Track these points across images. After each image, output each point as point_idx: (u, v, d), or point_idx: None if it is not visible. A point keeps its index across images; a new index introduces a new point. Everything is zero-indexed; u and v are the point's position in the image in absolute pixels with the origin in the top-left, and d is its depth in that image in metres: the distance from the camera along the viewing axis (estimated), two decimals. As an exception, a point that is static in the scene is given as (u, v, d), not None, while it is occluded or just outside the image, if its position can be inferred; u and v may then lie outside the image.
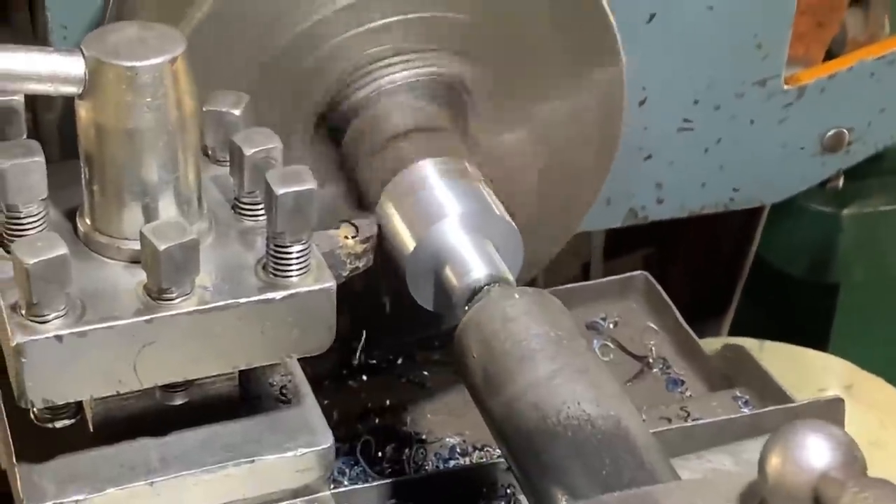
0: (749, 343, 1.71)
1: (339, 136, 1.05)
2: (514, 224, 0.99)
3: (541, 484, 0.84)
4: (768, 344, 1.73)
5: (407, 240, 0.99)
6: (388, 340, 1.21)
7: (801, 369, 1.71)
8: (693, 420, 1.16)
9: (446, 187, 0.99)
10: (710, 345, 1.60)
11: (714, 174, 1.34)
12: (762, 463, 0.73)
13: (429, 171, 1.00)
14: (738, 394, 1.19)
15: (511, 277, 0.96)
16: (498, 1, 1.04)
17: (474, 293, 0.95)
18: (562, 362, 0.88)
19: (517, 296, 0.92)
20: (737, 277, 1.85)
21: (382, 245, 1.00)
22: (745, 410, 1.17)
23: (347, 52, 1.02)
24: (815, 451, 0.72)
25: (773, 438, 0.73)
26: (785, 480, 0.72)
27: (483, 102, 1.06)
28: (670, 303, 1.26)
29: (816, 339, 1.94)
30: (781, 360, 1.68)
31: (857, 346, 1.96)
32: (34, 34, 1.24)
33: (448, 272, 0.97)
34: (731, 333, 1.89)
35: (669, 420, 1.17)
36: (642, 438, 0.85)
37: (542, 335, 0.89)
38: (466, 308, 0.94)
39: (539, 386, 0.87)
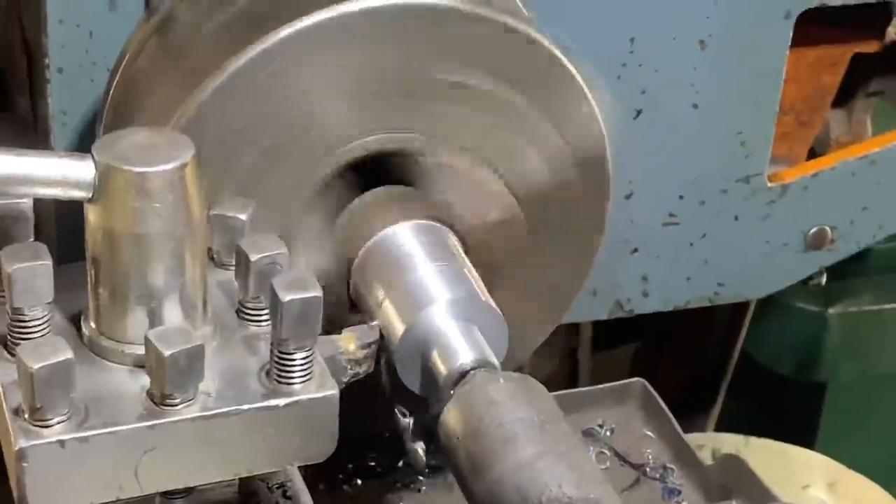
0: (734, 439, 1.73)
1: (332, 220, 1.07)
2: (499, 310, 1.01)
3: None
4: (753, 440, 1.74)
5: (396, 324, 1.01)
6: (374, 425, 1.22)
7: (786, 466, 1.71)
8: (690, 532, 1.14)
9: (435, 272, 1.01)
10: (696, 440, 1.61)
11: (699, 268, 1.36)
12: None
13: (418, 257, 1.03)
14: (736, 504, 1.18)
15: (496, 362, 0.97)
16: (475, 89, 1.06)
17: (460, 377, 0.96)
18: (544, 445, 0.89)
19: (502, 380, 0.94)
20: (723, 373, 1.87)
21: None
22: (742, 523, 1.16)
23: (336, 142, 1.04)
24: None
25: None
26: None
27: (469, 186, 1.08)
28: (667, 411, 1.24)
29: (803, 437, 1.95)
30: (766, 456, 1.69)
31: (844, 445, 1.96)
32: (34, 119, 1.27)
33: (435, 356, 0.98)
34: (718, 429, 1.90)
35: (667, 532, 1.15)
36: (623, 523, 0.86)
37: (526, 419, 0.91)
38: (452, 392, 0.96)
39: (521, 469, 0.88)
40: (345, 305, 1.06)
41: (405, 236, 1.04)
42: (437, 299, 1.00)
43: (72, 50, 1.13)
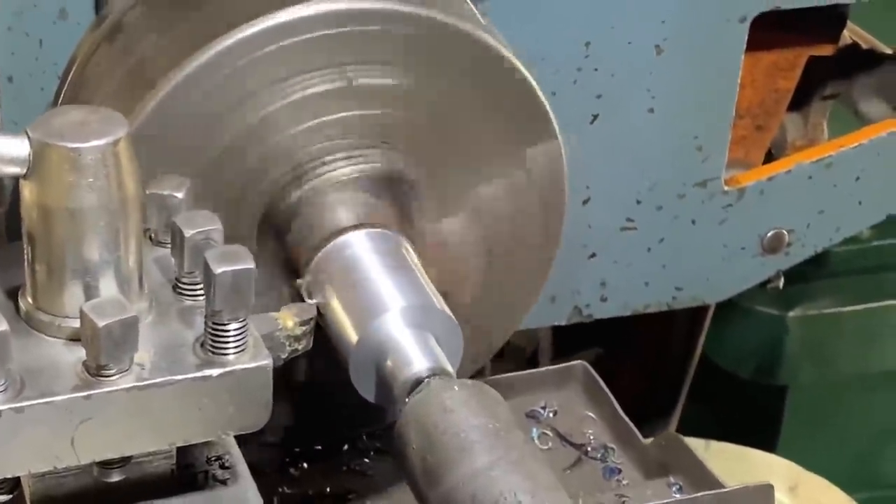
0: (695, 443, 1.72)
1: (283, 234, 1.06)
2: (454, 318, 1.00)
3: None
4: (714, 444, 1.74)
5: (350, 333, 1.00)
6: (333, 433, 1.22)
7: (746, 469, 1.72)
8: (628, 506, 1.17)
9: (389, 281, 1.01)
10: (657, 444, 1.61)
11: (657, 273, 1.37)
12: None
13: (372, 265, 1.02)
14: (672, 480, 1.21)
15: (451, 369, 0.97)
16: (431, 96, 1.06)
17: (415, 385, 0.96)
18: (499, 454, 0.89)
19: (456, 388, 0.94)
20: (684, 377, 1.87)
21: (326, 337, 1.01)
22: (678, 496, 1.19)
23: (288, 150, 1.04)
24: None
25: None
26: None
27: (425, 194, 1.08)
28: (608, 392, 1.28)
29: (764, 440, 1.95)
30: (727, 459, 1.70)
31: (804, 448, 1.97)
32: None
33: (389, 365, 0.98)
34: (678, 433, 1.90)
35: (605, 506, 1.18)
36: (578, 530, 0.86)
37: (481, 427, 0.90)
38: (407, 400, 0.95)
39: (477, 477, 0.88)
40: None
41: (359, 244, 1.04)
42: (391, 307, 0.99)
43: (21, 58, 1.12)
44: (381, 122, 1.05)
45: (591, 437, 1.26)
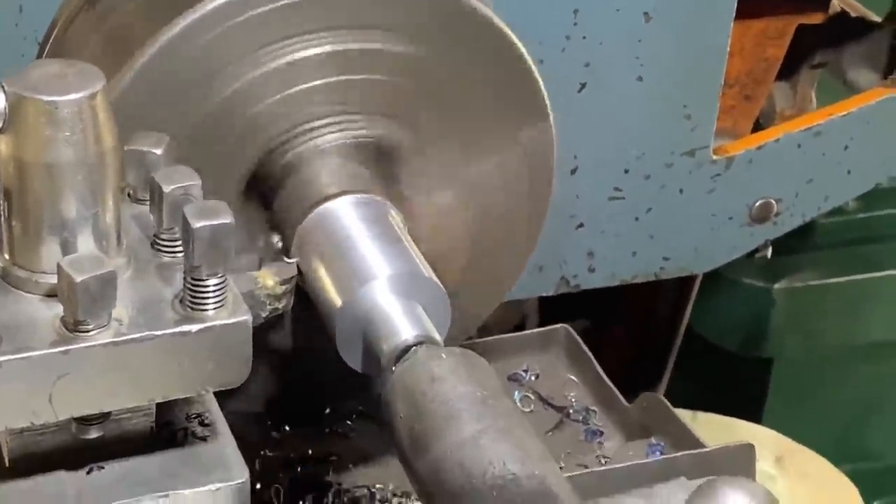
0: (681, 414, 1.72)
1: (269, 199, 1.05)
2: (441, 286, 0.99)
3: (466, 544, 0.84)
4: (700, 415, 1.74)
5: (336, 301, 0.99)
6: (323, 403, 1.22)
7: (733, 440, 1.71)
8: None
9: (376, 248, 1.00)
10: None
11: (645, 243, 1.36)
12: (684, 519, 0.74)
13: (358, 233, 1.01)
14: (654, 441, 1.21)
15: (438, 338, 0.96)
16: (428, 65, 1.05)
17: (402, 353, 0.95)
18: (488, 422, 0.88)
19: (444, 356, 0.93)
20: (670, 348, 1.87)
21: (314, 307, 1.00)
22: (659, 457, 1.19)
23: (274, 116, 1.03)
24: (734, 506, 0.73)
25: (694, 495, 0.74)
26: (706, 536, 0.73)
27: (413, 164, 1.07)
28: (590, 355, 1.28)
29: (750, 411, 1.95)
30: (713, 430, 1.69)
31: (790, 420, 1.97)
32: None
33: (376, 333, 0.97)
34: (665, 405, 1.90)
35: (586, 467, 1.19)
36: (567, 499, 0.85)
37: (469, 395, 0.89)
38: (394, 368, 0.94)
39: (465, 446, 0.87)
40: None
41: (345, 211, 1.03)
42: (378, 275, 0.98)
43: (1, 25, 1.11)
44: (367, 88, 1.04)
45: (573, 400, 1.27)
